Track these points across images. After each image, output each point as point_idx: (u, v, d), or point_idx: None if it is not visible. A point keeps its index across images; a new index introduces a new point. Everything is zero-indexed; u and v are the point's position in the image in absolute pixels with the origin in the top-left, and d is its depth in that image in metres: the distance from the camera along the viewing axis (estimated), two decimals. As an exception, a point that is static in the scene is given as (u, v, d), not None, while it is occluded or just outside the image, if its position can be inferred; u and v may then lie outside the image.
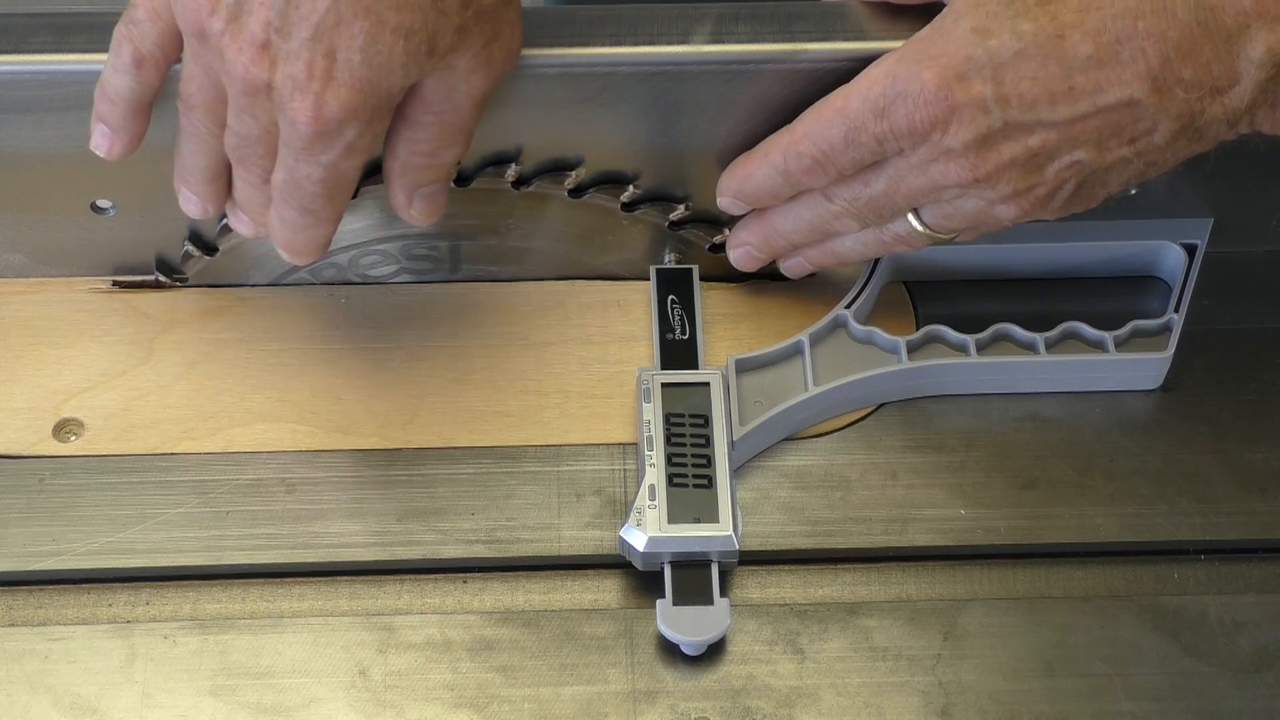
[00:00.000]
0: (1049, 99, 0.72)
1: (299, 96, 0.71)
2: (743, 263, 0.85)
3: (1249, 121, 0.74)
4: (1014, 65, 0.72)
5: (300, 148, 0.72)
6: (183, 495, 0.80)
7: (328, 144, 0.72)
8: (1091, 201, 0.77)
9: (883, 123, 0.74)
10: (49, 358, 0.85)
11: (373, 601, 0.78)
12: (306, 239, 0.77)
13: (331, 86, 0.71)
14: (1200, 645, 0.77)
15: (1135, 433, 0.83)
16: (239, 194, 0.77)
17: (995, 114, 0.72)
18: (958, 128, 0.73)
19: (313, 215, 0.75)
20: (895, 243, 0.80)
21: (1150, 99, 0.71)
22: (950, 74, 0.72)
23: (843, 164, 0.77)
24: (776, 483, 0.82)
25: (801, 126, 0.77)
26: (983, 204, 0.76)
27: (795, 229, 0.82)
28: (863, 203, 0.78)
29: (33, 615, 0.77)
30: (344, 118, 0.71)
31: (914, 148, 0.74)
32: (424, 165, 0.76)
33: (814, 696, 0.75)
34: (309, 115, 0.71)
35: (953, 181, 0.75)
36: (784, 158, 0.78)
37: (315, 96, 0.71)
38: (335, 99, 0.71)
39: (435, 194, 0.78)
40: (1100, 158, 0.73)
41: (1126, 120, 0.72)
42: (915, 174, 0.75)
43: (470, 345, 0.86)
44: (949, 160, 0.74)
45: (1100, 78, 0.71)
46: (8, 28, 0.79)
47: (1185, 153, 0.74)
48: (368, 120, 0.72)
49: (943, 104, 0.72)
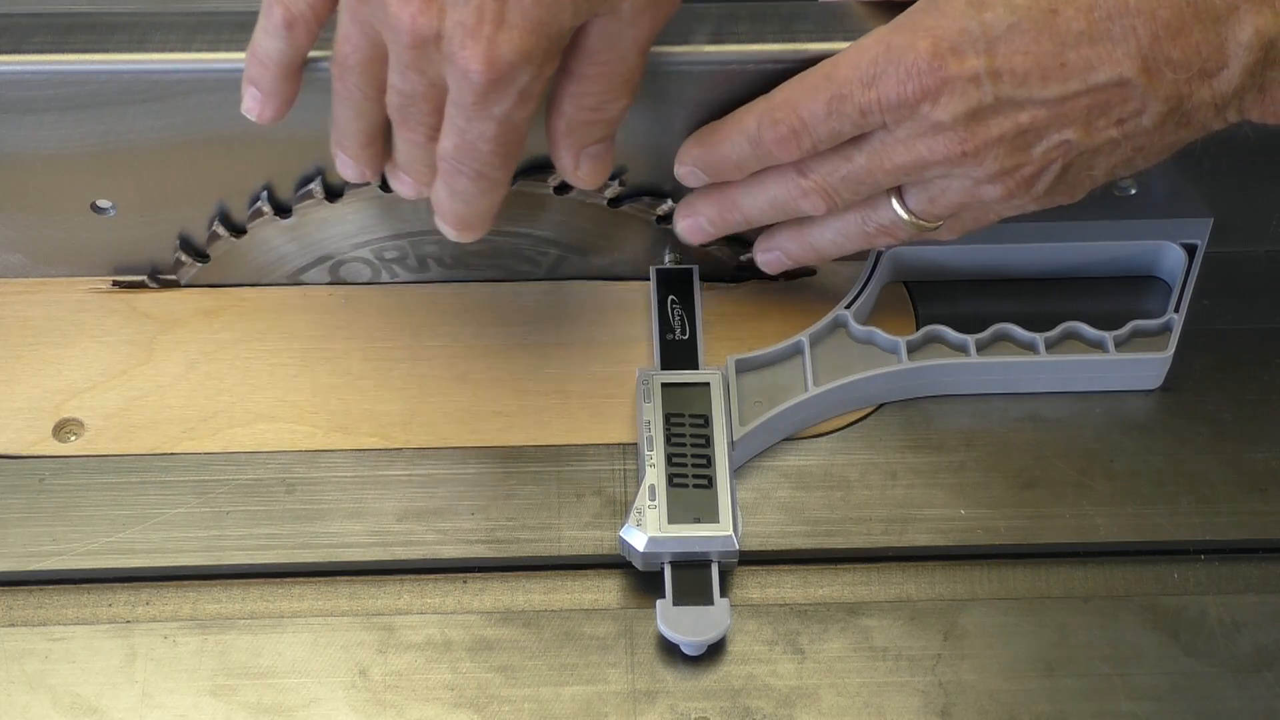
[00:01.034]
0: (1041, 74, 0.71)
1: (470, 42, 0.69)
2: (690, 233, 0.82)
3: (1237, 108, 0.73)
4: (1007, 39, 0.71)
5: (473, 101, 0.70)
6: (183, 495, 0.80)
7: (501, 92, 0.70)
8: (1076, 191, 0.76)
9: (870, 92, 0.73)
10: (49, 358, 0.85)
11: (373, 601, 0.78)
12: (480, 209, 0.75)
13: (504, 29, 0.69)
14: (1200, 645, 0.77)
15: (1135, 433, 0.83)
16: (401, 155, 0.75)
17: (987, 88, 0.72)
18: (949, 100, 0.72)
19: (487, 180, 0.73)
20: (878, 233, 0.79)
21: (1140, 79, 0.71)
22: (944, 46, 0.72)
23: (820, 135, 0.75)
24: (776, 483, 0.82)
25: (782, 93, 0.76)
26: (968, 184, 0.75)
27: (755, 204, 0.80)
28: (838, 178, 0.76)
29: (33, 615, 0.77)
30: (518, 61, 0.69)
31: (898, 122, 0.73)
32: (591, 121, 0.75)
33: (814, 696, 0.75)
34: (482, 62, 0.69)
35: (939, 157, 0.74)
36: (758, 125, 0.76)
37: (488, 40, 0.68)
38: (508, 42, 0.69)
39: (602, 153, 0.76)
40: (1088, 139, 0.73)
41: (1116, 100, 0.72)
42: (899, 149, 0.74)
43: (470, 345, 0.86)
44: (936, 135, 0.73)
45: (1092, 54, 0.71)
46: (8, 28, 0.79)
47: (1172, 138, 0.74)
48: (540, 64, 0.70)
49: (935, 75, 0.72)
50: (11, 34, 0.79)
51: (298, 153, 0.81)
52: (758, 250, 0.83)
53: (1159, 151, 0.75)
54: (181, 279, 0.87)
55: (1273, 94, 0.73)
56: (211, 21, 0.79)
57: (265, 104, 0.75)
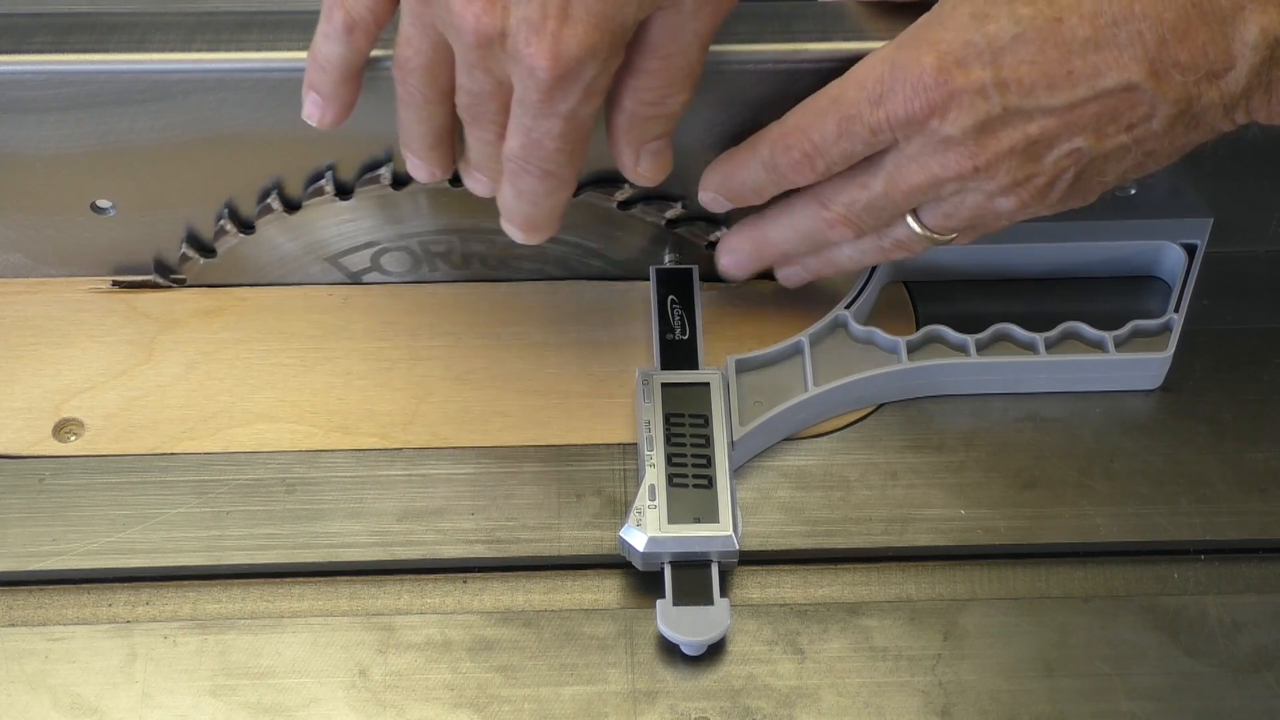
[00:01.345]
0: (1047, 84, 0.71)
1: (535, 39, 0.68)
2: (732, 271, 0.84)
3: (1245, 110, 0.73)
4: (1012, 50, 0.71)
5: (538, 99, 0.70)
6: (183, 495, 0.80)
7: (567, 88, 0.70)
8: (1089, 195, 0.76)
9: (879, 111, 0.73)
10: (49, 358, 0.85)
11: (373, 601, 0.78)
12: (547, 210, 0.75)
13: (569, 24, 0.68)
14: (1200, 645, 0.77)
15: (1135, 433, 0.83)
16: (474, 154, 0.75)
17: (994, 100, 0.72)
18: (957, 114, 0.72)
19: (554, 179, 0.73)
20: (895, 249, 0.79)
21: (1148, 83, 0.71)
22: (949, 59, 0.72)
23: (833, 157, 0.76)
24: (776, 483, 0.82)
25: (793, 118, 0.77)
26: (981, 198, 0.75)
27: (788, 238, 0.81)
28: (860, 207, 0.77)
29: (33, 615, 0.77)
30: (583, 56, 0.69)
31: (909, 138, 0.74)
32: (652, 116, 0.75)
33: (814, 696, 0.75)
34: (548, 58, 0.69)
35: (952, 173, 0.74)
36: (771, 151, 0.77)
37: (553, 36, 0.68)
38: (574, 36, 0.69)
39: (662, 149, 0.76)
40: (1099, 145, 0.73)
41: (1125, 106, 0.72)
42: (913, 169, 0.75)
43: (470, 345, 0.86)
44: (947, 150, 0.73)
45: (1098, 61, 0.71)
46: (8, 28, 0.79)
47: (1182, 141, 0.74)
48: (605, 59, 0.70)
49: (941, 89, 0.72)
50: (11, 34, 0.79)
51: (300, 151, 0.81)
52: (778, 267, 0.84)
53: (1169, 154, 0.75)
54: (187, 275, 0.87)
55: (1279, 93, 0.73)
56: (211, 21, 0.79)
57: (326, 109, 0.76)
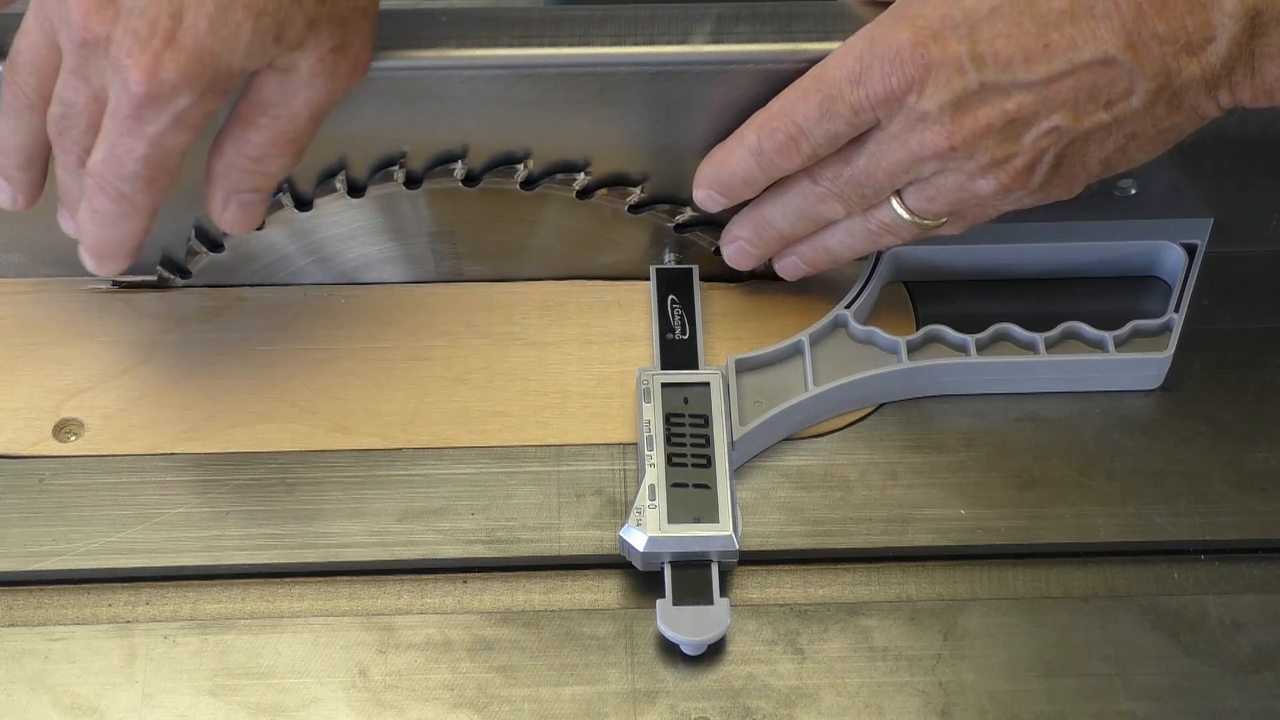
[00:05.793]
0: (1024, 57, 0.72)
1: (137, 51, 0.68)
2: (736, 259, 0.84)
3: (1229, 89, 0.73)
4: (989, 23, 0.72)
5: (127, 114, 0.70)
6: (183, 495, 0.80)
7: (158, 110, 0.70)
8: (1073, 184, 0.76)
9: (858, 89, 0.73)
10: (49, 358, 0.85)
11: (373, 601, 0.78)
12: (117, 235, 0.74)
13: (172, 48, 0.68)
14: (1200, 645, 0.77)
15: (1135, 433, 0.83)
16: (60, 182, 0.74)
17: (971, 74, 0.72)
18: (933, 89, 0.72)
19: (128, 204, 0.72)
20: (882, 232, 0.79)
21: (1125, 55, 0.71)
22: (925, 33, 0.72)
23: (818, 139, 0.76)
24: (776, 483, 0.82)
25: (777, 102, 0.77)
26: (962, 178, 0.75)
27: (784, 216, 0.81)
28: (844, 181, 0.77)
29: (33, 615, 0.77)
30: (178, 83, 0.69)
31: (890, 117, 0.74)
32: (249, 170, 0.74)
33: (814, 696, 0.75)
34: (144, 73, 0.68)
35: (929, 151, 0.74)
36: (758, 136, 0.77)
37: (154, 54, 0.68)
38: (174, 61, 0.69)
39: (253, 203, 0.76)
40: (1078, 124, 0.73)
41: (1103, 81, 0.72)
42: (893, 146, 0.75)
43: (470, 345, 0.86)
44: (925, 127, 0.73)
45: (1074, 33, 0.71)
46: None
47: (1165, 123, 0.74)
48: (200, 93, 0.70)
49: (918, 63, 0.72)
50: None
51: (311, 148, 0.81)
52: (777, 258, 0.84)
53: (1152, 139, 0.75)
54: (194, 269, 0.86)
55: (1263, 70, 0.73)
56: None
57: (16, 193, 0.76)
